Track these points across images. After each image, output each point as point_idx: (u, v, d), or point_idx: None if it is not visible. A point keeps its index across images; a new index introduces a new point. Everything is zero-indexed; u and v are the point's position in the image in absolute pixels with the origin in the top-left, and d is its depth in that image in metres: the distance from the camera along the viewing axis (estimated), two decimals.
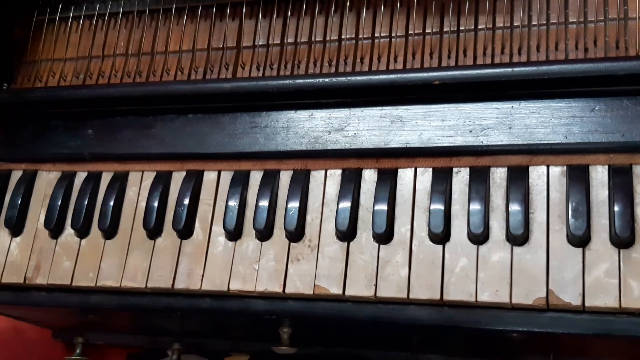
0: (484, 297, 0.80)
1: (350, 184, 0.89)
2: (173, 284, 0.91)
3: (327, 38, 0.97)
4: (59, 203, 1.00)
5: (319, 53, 0.97)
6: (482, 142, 0.86)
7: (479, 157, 0.86)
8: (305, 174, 0.92)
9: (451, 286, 0.81)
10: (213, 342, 1.20)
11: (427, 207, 0.85)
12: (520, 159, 0.85)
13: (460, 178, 0.86)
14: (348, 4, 0.96)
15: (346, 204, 0.88)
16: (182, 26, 1.03)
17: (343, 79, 0.91)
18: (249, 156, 0.95)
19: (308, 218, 0.90)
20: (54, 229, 0.99)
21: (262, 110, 0.95)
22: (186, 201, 0.94)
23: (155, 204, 0.96)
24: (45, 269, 0.98)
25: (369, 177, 0.90)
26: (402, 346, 1.05)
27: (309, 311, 0.87)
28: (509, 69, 0.84)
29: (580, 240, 0.79)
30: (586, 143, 0.82)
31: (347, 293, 0.85)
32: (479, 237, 0.82)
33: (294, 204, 0.90)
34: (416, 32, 0.93)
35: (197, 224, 0.94)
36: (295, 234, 0.89)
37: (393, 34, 0.94)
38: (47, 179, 1.04)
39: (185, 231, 0.94)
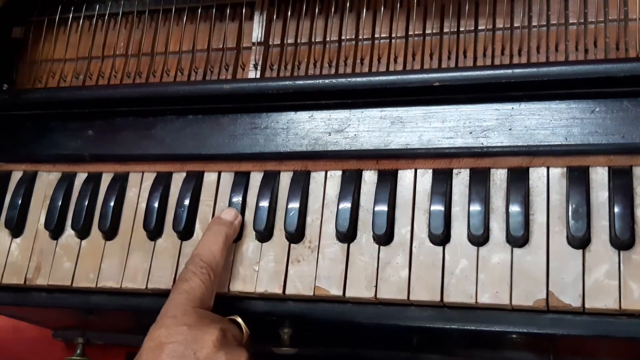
0: (484, 298, 0.80)
1: (351, 185, 0.89)
2: (173, 285, 0.91)
3: (327, 39, 0.97)
4: (59, 204, 1.00)
5: (319, 54, 0.97)
6: (482, 143, 0.86)
7: (479, 159, 0.86)
8: (305, 175, 0.92)
9: (451, 288, 0.81)
10: None
11: (427, 209, 0.85)
12: (520, 160, 0.85)
13: (461, 179, 0.86)
14: (348, 5, 0.96)
15: (346, 205, 0.88)
16: (181, 27, 1.03)
17: (343, 80, 0.90)
18: (249, 157, 0.95)
19: (308, 219, 0.90)
20: (54, 229, 0.99)
21: (262, 111, 0.95)
22: (186, 202, 0.94)
23: (156, 205, 0.96)
24: (46, 269, 0.98)
25: (369, 178, 0.90)
26: (403, 348, 1.05)
27: (309, 312, 0.87)
28: (509, 71, 0.84)
29: (581, 241, 0.79)
30: (586, 144, 0.82)
31: (347, 294, 0.85)
32: (479, 239, 0.82)
33: (294, 205, 0.90)
34: (416, 33, 0.93)
35: (197, 225, 0.94)
36: (296, 235, 0.89)
37: (393, 35, 0.94)
38: (47, 179, 1.04)
39: (185, 232, 0.94)
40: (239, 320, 0.85)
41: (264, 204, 0.91)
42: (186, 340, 0.77)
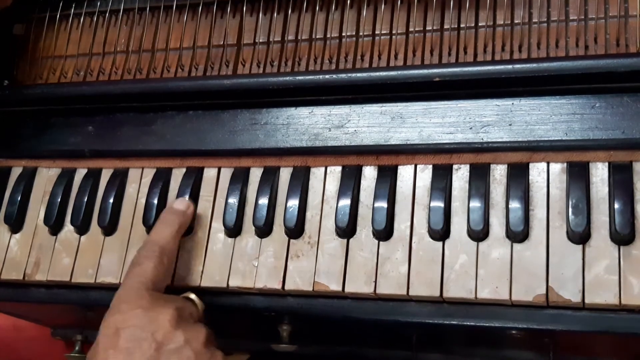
0: (484, 294, 0.80)
1: (350, 181, 0.89)
2: (172, 281, 0.91)
3: (328, 35, 0.97)
4: (59, 199, 1.00)
5: (319, 50, 0.97)
6: (482, 139, 0.85)
7: (479, 154, 0.86)
8: (305, 171, 0.92)
9: (451, 283, 0.81)
10: None
11: (427, 204, 0.85)
12: (520, 155, 0.84)
13: (460, 175, 0.86)
14: (349, 1, 0.96)
15: (346, 201, 0.88)
16: (182, 23, 1.03)
17: (343, 75, 0.90)
18: (249, 153, 0.94)
19: (308, 215, 0.90)
20: (54, 225, 0.99)
21: (262, 107, 0.95)
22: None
23: (155, 201, 0.96)
24: (45, 265, 0.98)
25: (369, 173, 0.89)
26: (402, 343, 1.05)
27: (309, 308, 0.87)
28: (510, 66, 0.84)
29: (580, 237, 0.78)
30: (586, 140, 0.82)
31: (346, 290, 0.85)
32: (479, 234, 0.82)
33: (294, 201, 0.90)
34: (417, 29, 0.93)
35: (196, 221, 0.94)
36: (295, 231, 0.89)
37: (394, 31, 0.94)
38: (47, 175, 1.04)
39: None
40: (193, 296, 0.86)
41: (264, 199, 0.91)
42: (142, 323, 0.77)
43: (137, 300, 0.79)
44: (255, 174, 0.94)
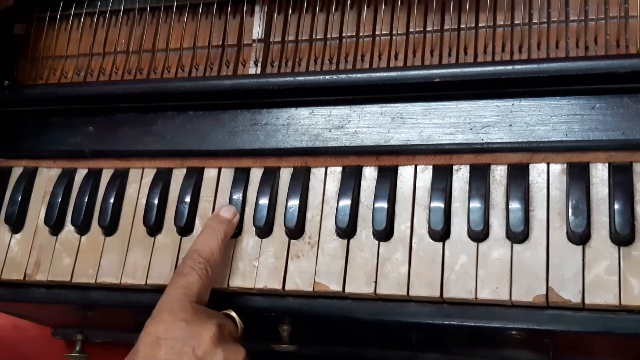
0: (484, 294, 0.80)
1: (351, 182, 0.89)
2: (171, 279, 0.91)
3: (328, 36, 0.97)
4: (59, 200, 1.00)
5: (319, 50, 0.97)
6: (482, 139, 0.86)
7: (479, 155, 0.86)
8: (305, 171, 0.92)
9: (451, 283, 0.81)
10: None
11: (427, 205, 0.85)
12: (520, 156, 0.85)
13: (461, 175, 0.86)
14: (349, 2, 0.96)
15: (346, 201, 0.88)
16: (183, 24, 1.03)
17: (344, 76, 0.90)
18: (250, 153, 0.95)
19: (308, 215, 0.90)
20: (54, 225, 0.99)
21: (263, 107, 0.95)
22: (187, 198, 0.94)
23: (156, 201, 0.96)
24: (45, 265, 0.98)
25: (369, 174, 0.90)
26: (402, 344, 1.05)
27: (309, 308, 0.87)
28: (510, 67, 0.84)
29: (580, 237, 0.78)
30: (586, 141, 0.82)
31: (346, 290, 0.85)
32: (479, 235, 0.82)
33: (294, 201, 0.90)
34: (417, 30, 0.93)
35: (197, 221, 0.94)
36: (295, 231, 0.89)
37: (394, 32, 0.94)
38: (47, 175, 1.04)
39: (185, 228, 0.94)
40: (233, 314, 0.85)
41: (264, 200, 0.91)
42: (184, 337, 0.77)
43: (180, 312, 0.79)
44: (256, 175, 0.94)
